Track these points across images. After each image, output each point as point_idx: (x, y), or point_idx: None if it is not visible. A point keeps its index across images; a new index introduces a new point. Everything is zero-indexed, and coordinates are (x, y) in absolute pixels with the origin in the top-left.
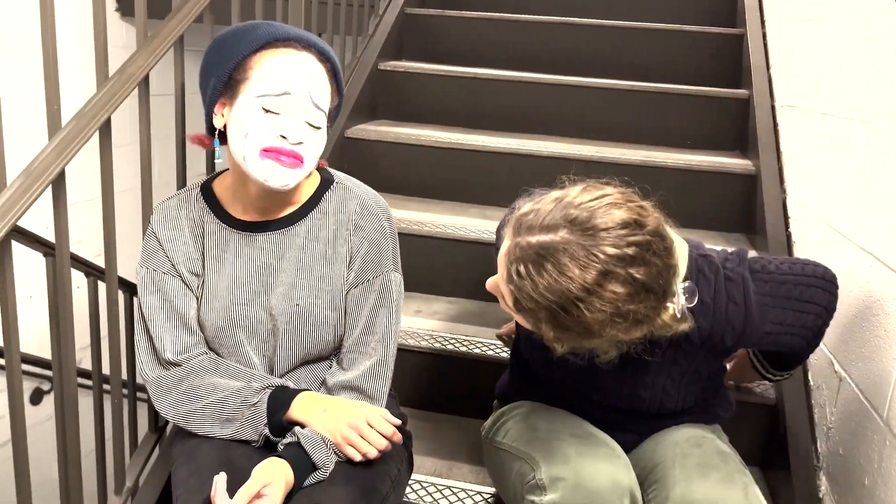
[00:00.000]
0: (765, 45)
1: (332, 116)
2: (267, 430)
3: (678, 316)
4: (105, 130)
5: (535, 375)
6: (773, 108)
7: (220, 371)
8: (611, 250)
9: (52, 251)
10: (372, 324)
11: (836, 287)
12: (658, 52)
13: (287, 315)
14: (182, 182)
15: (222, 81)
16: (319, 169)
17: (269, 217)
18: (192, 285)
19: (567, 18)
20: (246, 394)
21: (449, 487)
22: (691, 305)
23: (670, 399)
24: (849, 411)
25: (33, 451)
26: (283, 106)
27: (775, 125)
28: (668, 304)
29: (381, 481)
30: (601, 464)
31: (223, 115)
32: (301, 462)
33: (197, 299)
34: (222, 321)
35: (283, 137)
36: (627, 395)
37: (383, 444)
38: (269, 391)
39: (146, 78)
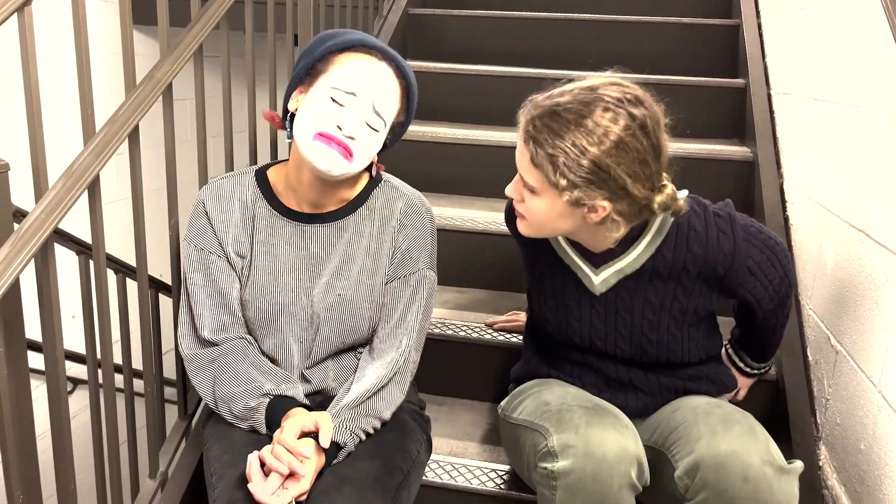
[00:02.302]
0: (760, 34)
1: (397, 132)
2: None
3: (675, 195)
4: (134, 135)
5: (547, 340)
6: (769, 95)
7: (247, 360)
8: (613, 93)
9: (85, 250)
10: (405, 317)
11: (791, 260)
12: (657, 44)
13: (328, 304)
14: (205, 181)
15: (306, 69)
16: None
17: (320, 210)
18: (237, 266)
19: (567, 14)
20: (248, 398)
21: (465, 466)
22: (683, 196)
23: (676, 342)
24: (844, 382)
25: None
26: (348, 101)
27: (771, 112)
28: (666, 182)
29: (403, 460)
30: (609, 433)
31: (297, 101)
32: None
33: (240, 280)
34: (266, 305)
35: (339, 128)
36: (637, 341)
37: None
38: (267, 400)
39: (170, 85)
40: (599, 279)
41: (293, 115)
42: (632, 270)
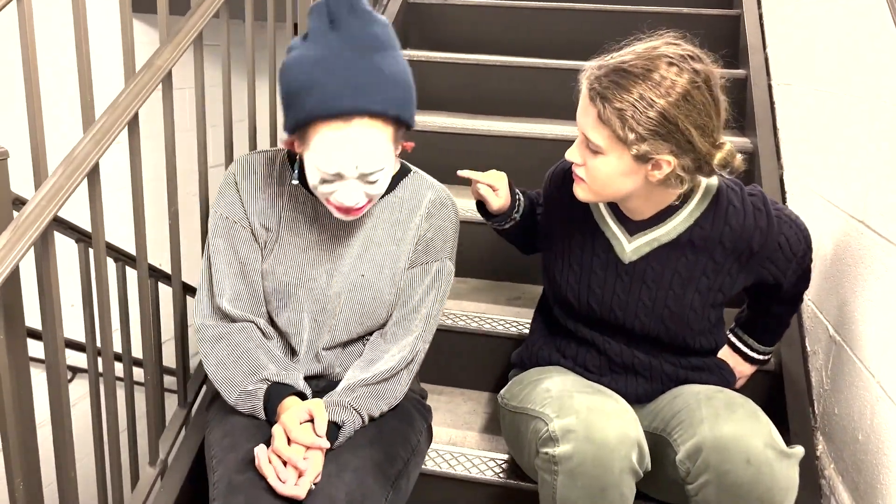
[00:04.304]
0: (761, 24)
1: (402, 136)
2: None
3: (734, 152)
4: (134, 123)
5: (556, 316)
6: (769, 86)
7: (251, 343)
8: (675, 50)
9: (85, 238)
10: (422, 303)
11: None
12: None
13: (350, 284)
14: (204, 172)
15: (290, 130)
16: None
17: None
18: (261, 238)
19: (567, 4)
20: (247, 383)
21: (464, 455)
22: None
23: (696, 319)
24: (843, 373)
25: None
26: (336, 180)
27: (772, 103)
28: (724, 140)
29: (403, 448)
30: (610, 418)
31: (297, 147)
32: (329, 428)
33: (262, 252)
34: (286, 278)
35: (341, 201)
36: (660, 312)
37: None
38: (265, 386)
39: (170, 73)
40: (632, 247)
41: None
42: (667, 240)
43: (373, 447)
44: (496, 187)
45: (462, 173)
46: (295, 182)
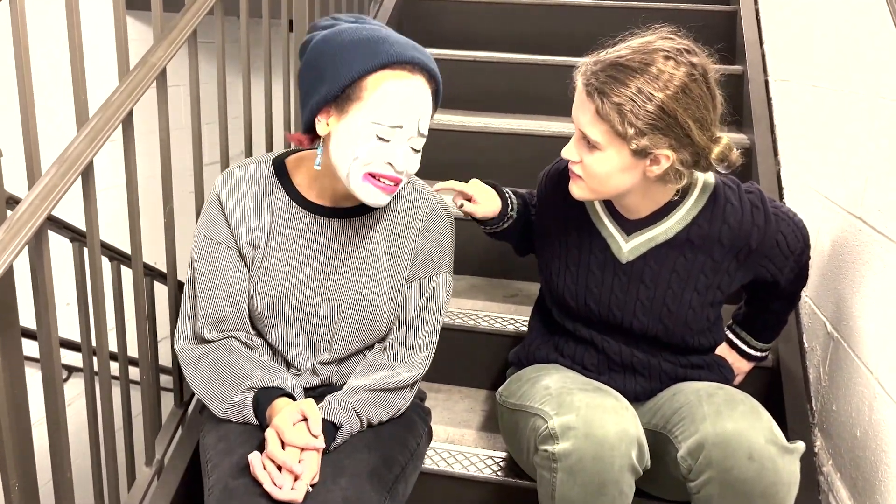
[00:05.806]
0: (758, 20)
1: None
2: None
3: (732, 146)
4: (128, 121)
5: (554, 315)
6: (766, 82)
7: (233, 355)
8: (670, 44)
9: (80, 237)
10: (423, 319)
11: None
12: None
13: (349, 302)
14: (199, 170)
15: (333, 94)
16: None
17: (342, 205)
18: (248, 256)
19: (564, 0)
20: (233, 395)
21: (462, 453)
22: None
23: (695, 318)
24: (841, 369)
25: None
26: (394, 135)
27: (769, 99)
28: (721, 135)
29: (401, 452)
30: (609, 415)
31: (328, 124)
32: (327, 428)
33: (249, 271)
34: (274, 296)
35: (390, 165)
36: (658, 312)
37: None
38: (251, 394)
39: (164, 70)
40: (629, 247)
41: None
42: (664, 239)
43: (371, 452)
44: (468, 194)
45: (438, 187)
46: (317, 167)
